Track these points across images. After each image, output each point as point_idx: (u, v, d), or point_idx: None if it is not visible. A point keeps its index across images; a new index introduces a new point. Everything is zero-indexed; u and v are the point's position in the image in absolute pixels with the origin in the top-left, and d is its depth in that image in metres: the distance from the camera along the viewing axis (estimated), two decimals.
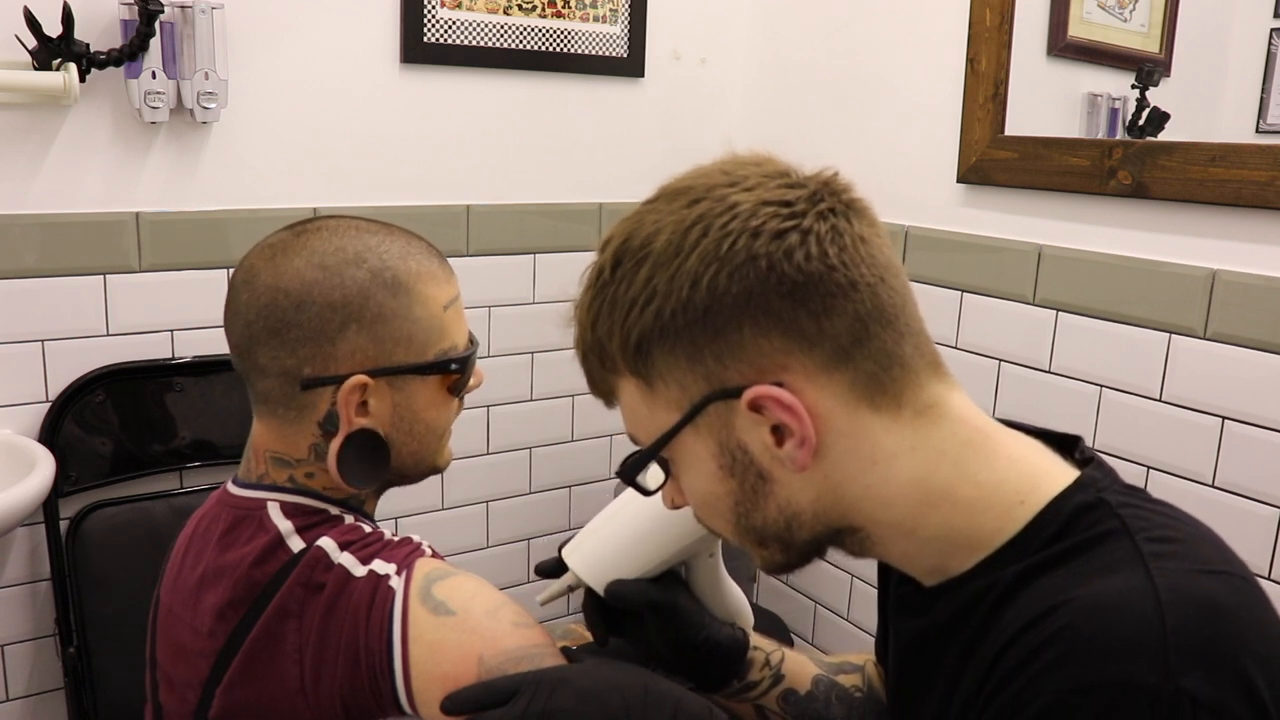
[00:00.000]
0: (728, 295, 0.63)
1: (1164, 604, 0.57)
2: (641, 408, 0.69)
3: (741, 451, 0.67)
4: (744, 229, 0.63)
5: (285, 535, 0.84)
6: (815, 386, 0.64)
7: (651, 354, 0.66)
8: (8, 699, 1.66)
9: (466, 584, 0.83)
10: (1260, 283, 1.33)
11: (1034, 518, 0.65)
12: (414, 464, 0.91)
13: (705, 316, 0.63)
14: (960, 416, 0.68)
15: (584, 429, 2.13)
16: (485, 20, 1.84)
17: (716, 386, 0.65)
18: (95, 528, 1.62)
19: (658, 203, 0.68)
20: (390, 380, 0.86)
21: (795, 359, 0.64)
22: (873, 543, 0.70)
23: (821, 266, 0.63)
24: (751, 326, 0.63)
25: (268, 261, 0.86)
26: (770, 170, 0.67)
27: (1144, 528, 0.63)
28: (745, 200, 0.64)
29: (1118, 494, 0.66)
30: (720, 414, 0.66)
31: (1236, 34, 1.51)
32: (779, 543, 0.70)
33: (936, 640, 0.70)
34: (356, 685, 0.79)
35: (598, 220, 2.04)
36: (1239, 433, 1.37)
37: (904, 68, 1.82)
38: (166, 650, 0.91)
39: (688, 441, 0.68)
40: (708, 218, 0.64)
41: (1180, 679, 0.55)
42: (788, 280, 0.63)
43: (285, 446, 0.88)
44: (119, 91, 1.55)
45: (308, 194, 1.74)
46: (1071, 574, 0.62)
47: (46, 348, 1.59)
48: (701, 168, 0.69)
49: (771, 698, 0.90)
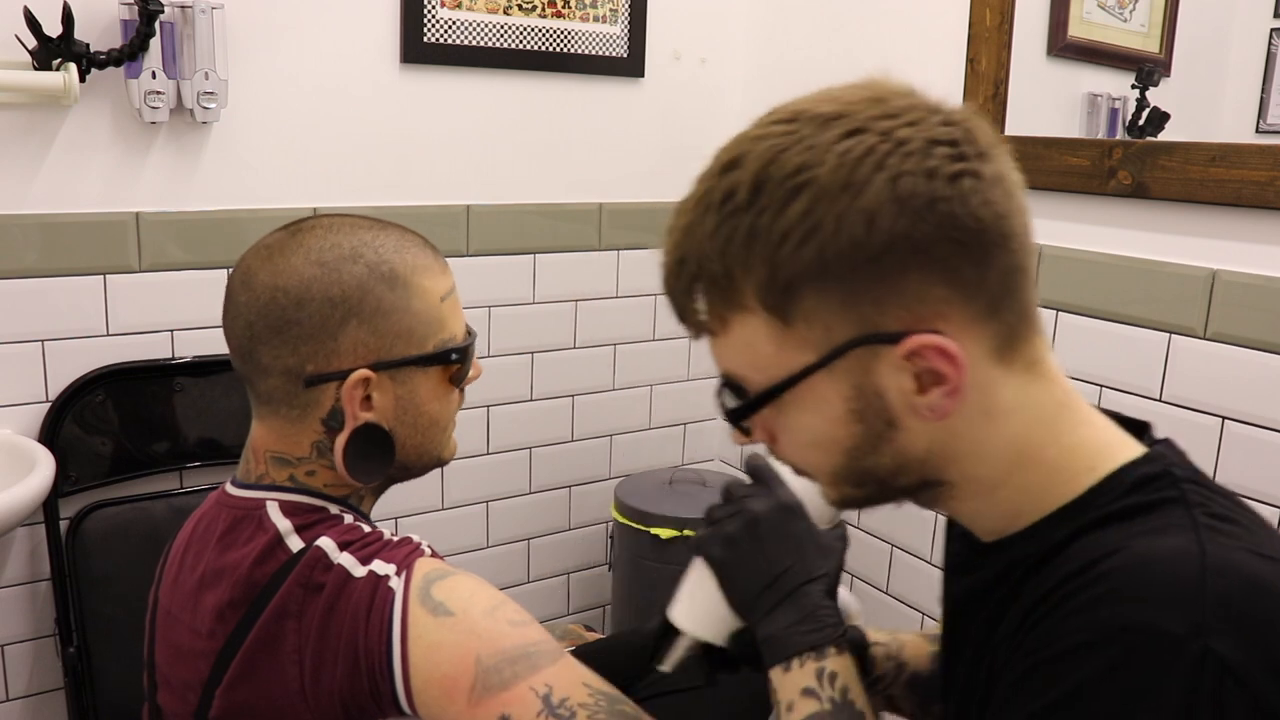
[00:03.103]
0: (902, 238, 0.59)
1: (1208, 569, 0.57)
2: (766, 345, 0.64)
3: (877, 397, 0.63)
4: (919, 169, 0.59)
5: (284, 534, 0.84)
6: (967, 336, 0.62)
7: (800, 293, 0.61)
8: (8, 699, 1.66)
9: (465, 584, 0.83)
10: (1260, 283, 1.33)
11: (1097, 483, 0.65)
12: (418, 457, 0.92)
13: (874, 259, 0.59)
14: (1056, 375, 0.67)
15: (584, 429, 2.13)
16: (485, 20, 1.84)
17: (868, 330, 0.61)
18: (95, 528, 1.62)
19: (798, 126, 0.62)
20: (392, 374, 0.87)
21: (954, 308, 0.61)
22: (953, 496, 0.68)
23: (992, 214, 0.60)
24: (918, 273, 0.60)
25: (265, 261, 0.86)
26: (921, 104, 0.63)
27: (1203, 504, 0.62)
28: (913, 136, 0.60)
29: (1185, 471, 0.65)
30: (863, 358, 0.62)
31: (1236, 34, 1.51)
32: (876, 485, 0.68)
33: (984, 595, 0.70)
34: (356, 686, 0.79)
35: (598, 220, 2.04)
36: (1239, 433, 1.37)
37: (904, 68, 1.81)
38: (165, 652, 0.91)
39: (817, 383, 0.63)
40: (877, 153, 0.59)
41: (1211, 638, 0.54)
42: (961, 227, 0.59)
43: (287, 445, 0.88)
44: (119, 91, 1.55)
45: (308, 194, 1.74)
46: (1123, 533, 0.61)
47: (46, 348, 1.59)
48: (837, 94, 0.64)
49: (899, 686, 0.91)
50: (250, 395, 0.90)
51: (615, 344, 2.12)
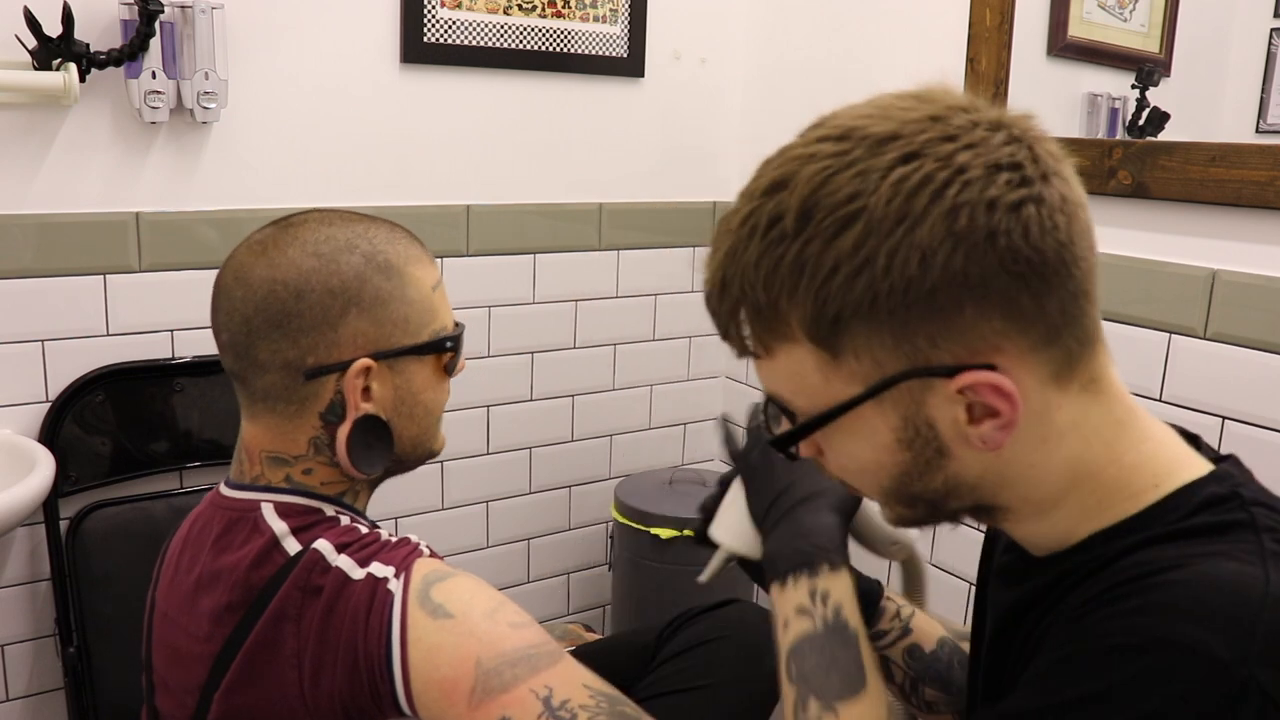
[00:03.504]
0: (959, 275, 0.56)
1: (1270, 598, 0.55)
2: (813, 375, 0.62)
3: (927, 427, 0.62)
4: (979, 200, 0.56)
5: (280, 537, 0.84)
6: (1023, 367, 0.60)
7: (849, 328, 0.58)
8: (8, 699, 1.66)
9: (464, 585, 0.83)
10: (1260, 283, 1.33)
11: (1162, 499, 0.63)
12: (413, 448, 0.92)
13: (928, 296, 0.57)
14: (1117, 392, 0.65)
15: (584, 429, 2.13)
16: (485, 20, 1.84)
17: (920, 364, 0.59)
18: (95, 528, 1.62)
19: (850, 147, 0.59)
20: (391, 363, 0.87)
21: (1010, 340, 0.59)
22: (1007, 517, 0.67)
23: (1054, 243, 0.57)
24: (974, 307, 0.57)
25: (259, 256, 0.86)
26: (983, 120, 0.59)
27: (1273, 529, 0.60)
28: (973, 162, 0.57)
29: (1253, 492, 0.63)
30: (913, 390, 0.60)
31: (1236, 34, 1.51)
32: (928, 507, 0.67)
33: (1031, 607, 0.68)
34: (356, 688, 0.79)
35: (598, 220, 2.04)
36: (1239, 433, 1.37)
37: (904, 68, 1.82)
38: (162, 654, 0.90)
39: (865, 412, 0.62)
40: (935, 181, 0.56)
41: (1256, 667, 0.53)
42: (1022, 259, 0.57)
43: (283, 444, 0.88)
44: (119, 91, 1.55)
45: (308, 194, 1.73)
46: (1186, 548, 0.59)
47: (46, 348, 1.59)
48: (893, 109, 0.61)
49: (897, 650, 0.91)
50: (242, 395, 0.89)
51: (615, 344, 2.11)
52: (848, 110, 0.62)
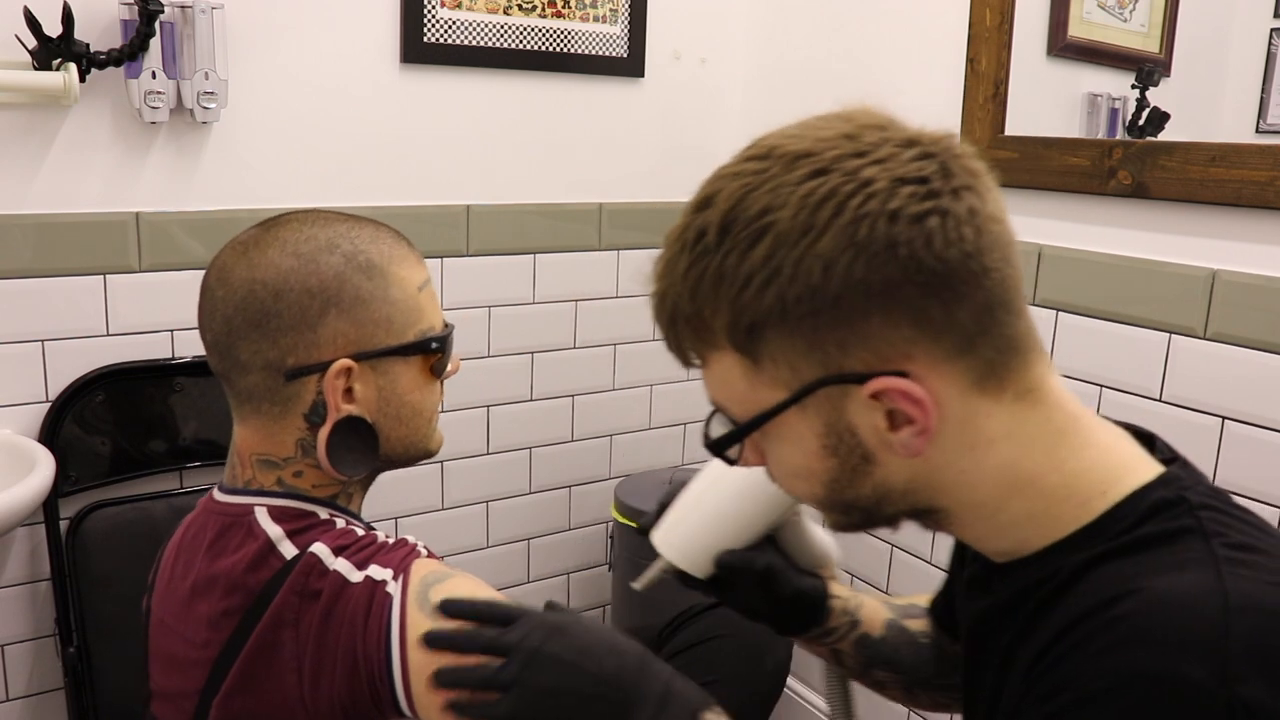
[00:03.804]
0: (862, 284, 0.59)
1: (1231, 609, 0.55)
2: (740, 383, 0.65)
3: (850, 434, 0.64)
4: (881, 211, 0.58)
5: (275, 541, 0.83)
6: (937, 375, 0.62)
7: (764, 335, 0.61)
8: (8, 699, 1.66)
9: (464, 586, 0.83)
10: (1260, 283, 1.33)
11: (1111, 508, 0.64)
12: (404, 449, 0.91)
13: (834, 304, 0.59)
14: (1056, 401, 0.66)
15: (584, 429, 2.13)
16: (485, 20, 1.84)
17: (834, 371, 0.62)
18: (95, 528, 1.62)
19: (769, 165, 0.62)
20: (373, 364, 0.86)
21: (921, 348, 0.61)
22: (951, 522, 0.69)
23: (959, 253, 0.59)
24: (881, 316, 0.60)
25: (240, 257, 0.86)
26: (897, 137, 0.62)
27: (1222, 532, 0.61)
28: (879, 176, 0.59)
29: (1200, 495, 0.64)
30: (832, 396, 0.63)
31: (1236, 34, 1.51)
32: (862, 514, 0.69)
33: (998, 620, 0.70)
34: (356, 692, 0.79)
35: (598, 220, 2.04)
36: (1239, 433, 1.37)
37: (904, 68, 1.82)
38: (159, 662, 0.90)
39: (790, 419, 0.64)
40: (840, 194, 0.59)
41: (1237, 685, 0.53)
42: (925, 269, 0.59)
43: (271, 447, 0.87)
44: (119, 91, 1.55)
45: (308, 194, 1.73)
46: (1138, 565, 0.60)
47: (46, 348, 1.59)
48: (813, 127, 0.64)
49: (848, 642, 0.92)
50: (230, 397, 0.89)
51: (615, 344, 2.11)
52: (777, 131, 0.65)
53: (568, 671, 0.74)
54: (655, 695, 0.75)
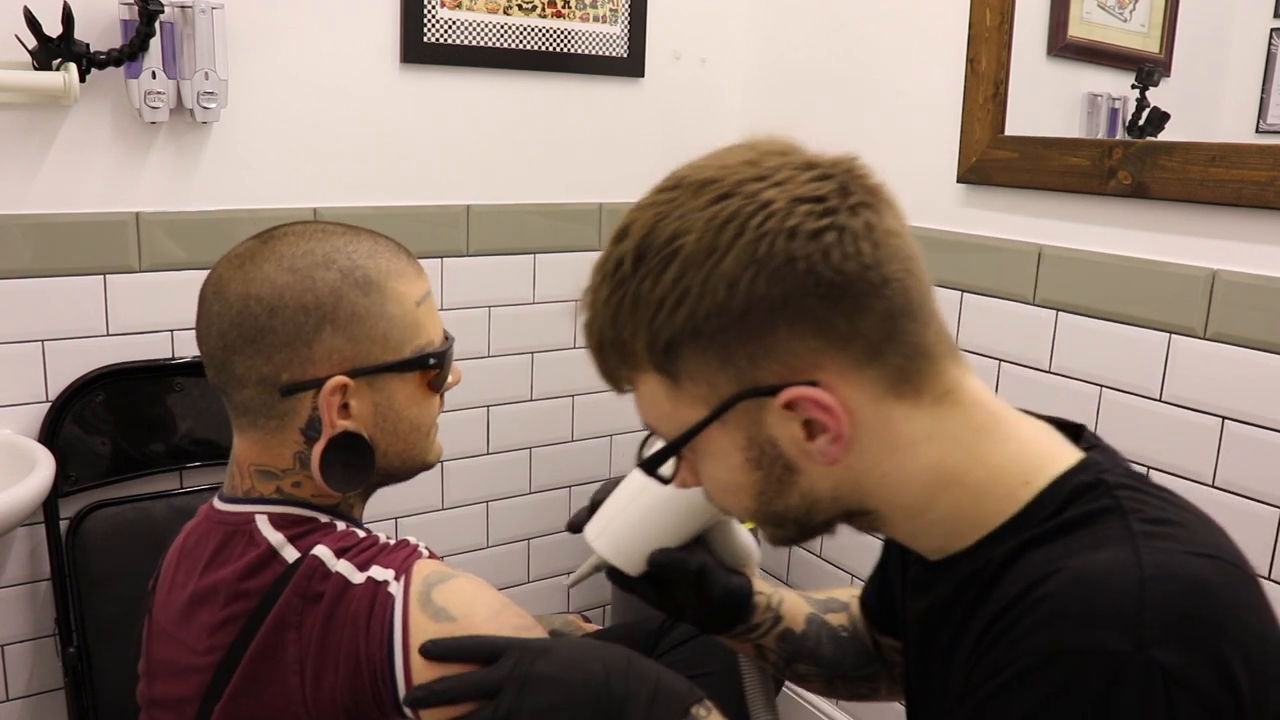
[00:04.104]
0: (765, 298, 0.62)
1: (1147, 579, 0.58)
2: (665, 403, 0.68)
3: (771, 445, 0.67)
4: (779, 229, 0.62)
5: (278, 547, 0.83)
6: (847, 383, 0.64)
7: (680, 354, 0.65)
8: (8, 699, 1.66)
9: (466, 587, 0.82)
10: (1260, 283, 1.33)
11: (1035, 497, 0.67)
12: (402, 463, 0.91)
13: (740, 319, 0.63)
14: (975, 400, 0.69)
15: (584, 429, 2.13)
16: (485, 20, 1.84)
17: (748, 385, 0.65)
18: (95, 528, 1.62)
19: (679, 194, 0.66)
20: (370, 380, 0.85)
21: (828, 358, 0.64)
22: (883, 523, 0.71)
23: (857, 266, 0.62)
24: (787, 328, 0.63)
25: (236, 270, 0.85)
26: (797, 161, 0.65)
27: (1138, 509, 0.64)
28: (777, 197, 0.63)
29: (1117, 476, 0.67)
30: (750, 410, 0.66)
31: (1236, 34, 1.51)
32: (795, 524, 0.71)
33: (939, 616, 0.72)
34: (358, 693, 0.79)
35: (598, 220, 2.04)
36: (1239, 433, 1.37)
37: (904, 68, 1.82)
38: (160, 669, 0.89)
39: (714, 435, 0.67)
40: (740, 216, 0.62)
41: (1154, 650, 0.56)
42: (825, 282, 0.62)
43: (269, 458, 0.87)
44: (119, 91, 1.55)
45: (308, 194, 1.73)
46: (1062, 549, 0.63)
47: (46, 348, 1.59)
48: (721, 156, 0.67)
49: (771, 638, 0.93)
50: (228, 408, 0.88)
51: None
52: (688, 163, 0.69)
53: (559, 687, 0.76)
54: (645, 693, 0.77)
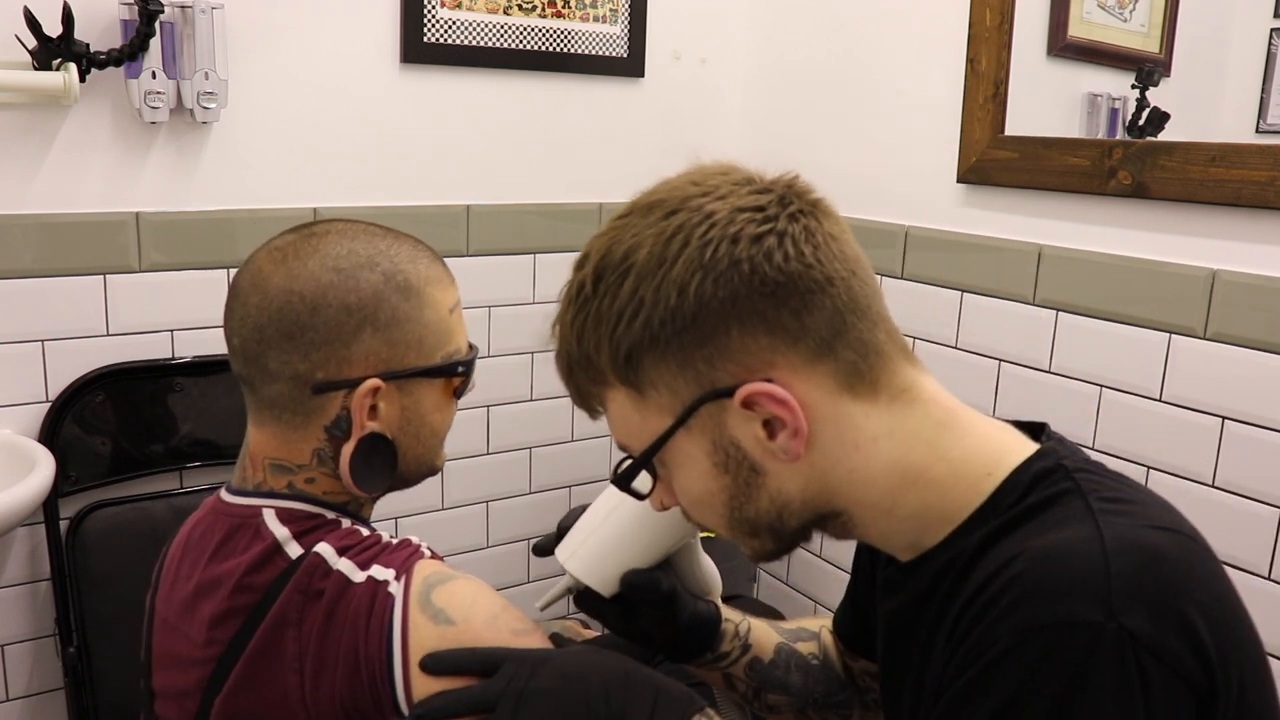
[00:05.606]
0: (714, 300, 0.65)
1: (1109, 551, 0.61)
2: (633, 416, 0.71)
3: (735, 447, 0.69)
4: (723, 236, 0.65)
5: (282, 542, 0.83)
6: (801, 379, 0.67)
7: (642, 363, 0.68)
8: (8, 699, 1.66)
9: (466, 589, 0.82)
10: (1260, 283, 1.33)
11: (998, 486, 0.69)
12: (416, 467, 0.92)
13: (693, 323, 0.66)
14: (932, 398, 0.71)
15: (584, 429, 2.13)
16: (485, 20, 1.84)
17: (708, 388, 0.67)
18: (95, 528, 1.62)
19: (631, 217, 0.70)
20: (400, 384, 0.86)
21: (781, 355, 0.66)
22: (854, 524, 0.73)
23: (799, 265, 0.66)
24: (738, 328, 0.66)
25: (278, 264, 0.85)
26: (737, 178, 0.69)
27: (1097, 489, 0.67)
28: (720, 208, 0.67)
29: (1076, 462, 0.70)
30: (712, 414, 0.68)
31: (1236, 34, 1.51)
32: (770, 533, 0.73)
33: (913, 614, 0.73)
34: (357, 692, 0.79)
35: (598, 220, 2.04)
36: (1239, 433, 1.37)
37: (904, 68, 1.82)
38: (162, 661, 0.90)
39: (681, 443, 0.70)
40: (687, 228, 0.66)
41: (1122, 617, 0.58)
42: (770, 281, 0.65)
43: (286, 453, 0.87)
44: (119, 91, 1.55)
45: (308, 194, 1.74)
46: (1028, 533, 0.65)
47: (46, 348, 1.59)
48: (668, 181, 0.71)
49: (739, 667, 0.93)
50: (249, 400, 0.89)
51: None
52: (640, 192, 0.72)
53: (555, 701, 0.76)
54: (645, 704, 0.77)
